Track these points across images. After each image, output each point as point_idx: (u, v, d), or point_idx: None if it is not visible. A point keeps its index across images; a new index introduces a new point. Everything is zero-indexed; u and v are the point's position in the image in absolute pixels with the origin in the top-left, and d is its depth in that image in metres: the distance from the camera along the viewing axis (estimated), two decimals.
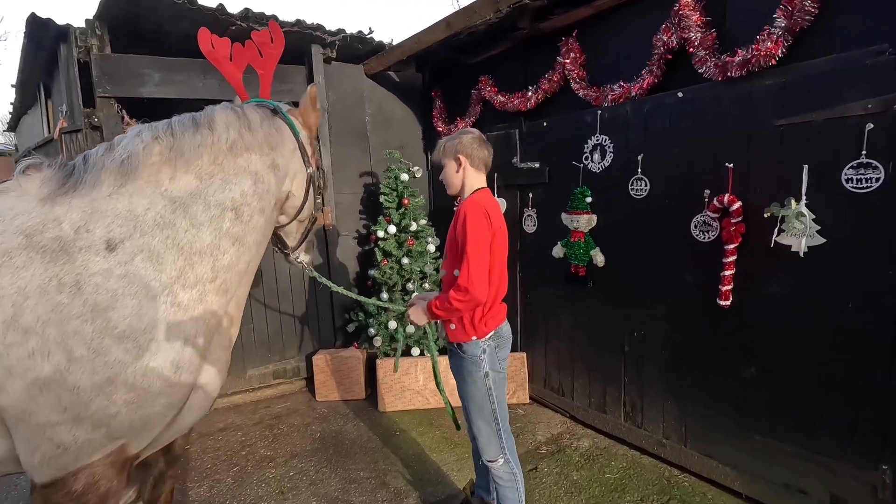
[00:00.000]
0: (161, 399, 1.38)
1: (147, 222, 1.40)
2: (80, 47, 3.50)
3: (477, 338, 2.15)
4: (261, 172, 1.64)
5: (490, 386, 2.18)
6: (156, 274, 1.38)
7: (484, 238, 2.01)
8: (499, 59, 4.03)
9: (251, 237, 1.61)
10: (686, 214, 2.75)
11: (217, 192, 1.53)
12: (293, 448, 3.49)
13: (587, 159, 3.28)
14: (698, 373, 2.82)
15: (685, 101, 2.70)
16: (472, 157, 2.16)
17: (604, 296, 3.32)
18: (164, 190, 1.46)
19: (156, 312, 1.35)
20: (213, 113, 1.62)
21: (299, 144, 1.80)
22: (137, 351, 1.32)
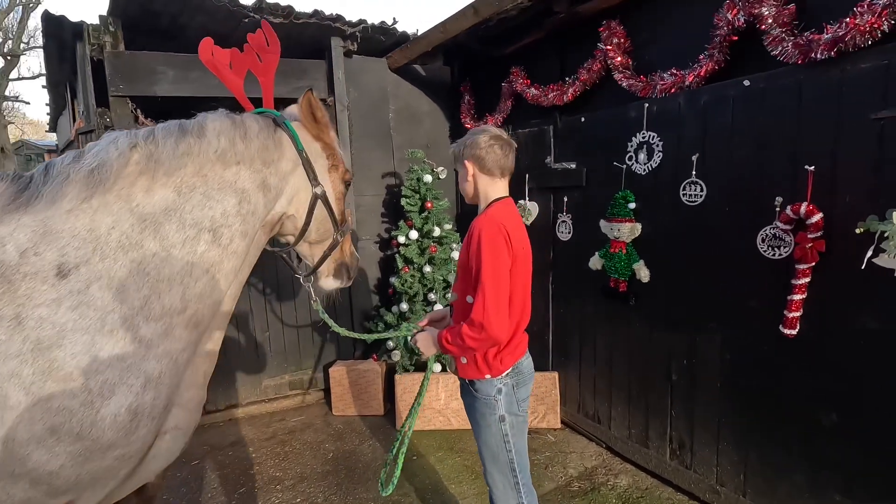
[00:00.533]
0: (113, 452, 1.18)
1: (109, 244, 1.21)
2: (92, 45, 3.38)
3: (491, 376, 1.82)
4: (248, 191, 1.44)
5: (507, 432, 1.84)
6: (115, 305, 1.19)
7: (503, 264, 1.67)
8: (532, 49, 3.66)
9: (229, 263, 1.40)
10: (751, 226, 2.32)
11: (196, 209, 1.33)
12: (303, 469, 3.27)
13: (631, 160, 2.87)
14: (762, 413, 2.38)
15: (753, 91, 2.26)
16: (483, 161, 1.80)
17: (648, 316, 2.91)
18: (135, 205, 1.27)
19: (112, 350, 1.16)
20: (204, 119, 1.43)
21: (303, 160, 1.59)
22: (86, 396, 1.13)
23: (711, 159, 2.48)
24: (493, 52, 3.91)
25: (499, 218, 1.72)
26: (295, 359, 4.19)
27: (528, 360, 1.94)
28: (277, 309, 4.07)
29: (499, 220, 1.70)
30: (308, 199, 1.62)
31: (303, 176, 1.60)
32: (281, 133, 1.57)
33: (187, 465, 3.35)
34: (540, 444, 3.43)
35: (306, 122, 1.64)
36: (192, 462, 3.40)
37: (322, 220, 1.69)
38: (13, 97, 18.62)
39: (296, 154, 1.58)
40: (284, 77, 3.94)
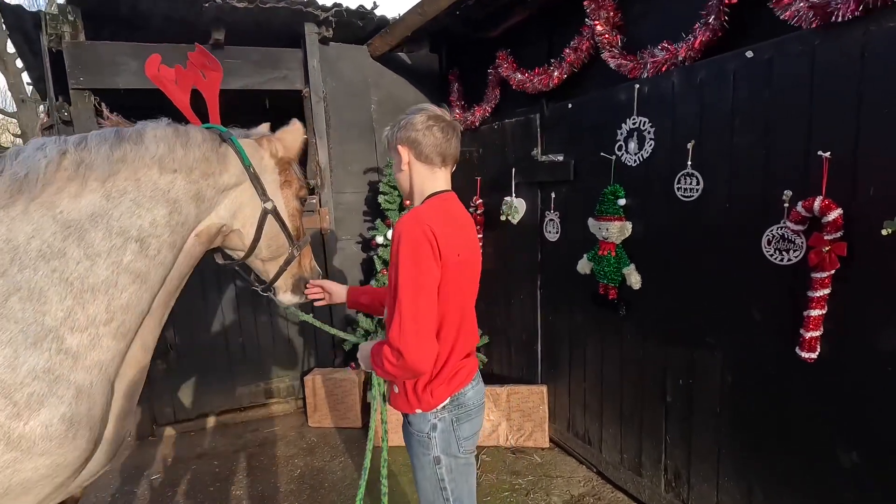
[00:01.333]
0: (45, 460, 1.16)
1: (29, 253, 1.17)
2: (50, 35, 3.21)
3: (422, 410, 1.50)
4: (180, 201, 1.40)
5: (442, 476, 1.52)
6: (36, 316, 1.16)
7: (425, 276, 1.35)
8: (520, 31, 3.33)
9: (156, 274, 1.36)
10: (755, 224, 1.96)
11: (124, 216, 1.29)
12: (266, 488, 3.03)
13: (620, 149, 2.53)
14: (769, 445, 2.02)
15: (757, 64, 1.90)
16: (419, 145, 1.48)
17: (640, 327, 2.56)
18: (58, 212, 1.22)
19: (36, 362, 1.14)
20: (144, 127, 1.40)
21: (251, 175, 1.56)
22: (12, 409, 1.11)
23: (709, 147, 2.12)
24: (480, 35, 3.60)
25: (425, 218, 1.38)
26: (270, 366, 3.96)
27: (475, 389, 1.59)
28: (251, 313, 3.85)
29: (424, 221, 1.36)
30: (256, 214, 1.59)
31: (249, 191, 1.57)
32: (226, 148, 1.53)
33: (145, 479, 3.16)
34: (524, 465, 3.11)
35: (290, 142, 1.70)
36: (151, 476, 3.20)
37: (273, 235, 1.67)
38: None
39: (241, 169, 1.55)
40: (258, 67, 3.72)
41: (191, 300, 3.63)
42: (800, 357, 1.81)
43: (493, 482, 2.96)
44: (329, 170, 3.92)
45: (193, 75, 1.70)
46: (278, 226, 1.65)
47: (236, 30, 3.51)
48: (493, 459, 3.19)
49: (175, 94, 1.67)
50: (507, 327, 3.60)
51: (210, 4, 3.18)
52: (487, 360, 3.81)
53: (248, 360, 3.88)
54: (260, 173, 1.59)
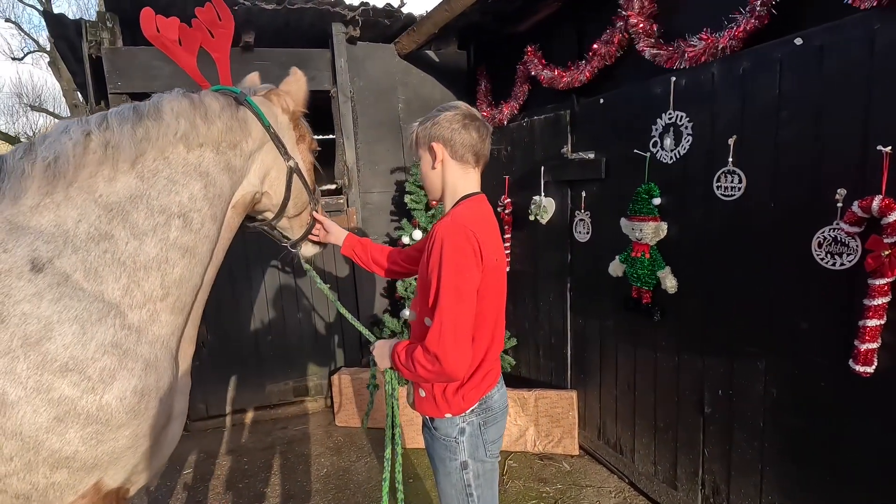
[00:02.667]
0: (125, 430, 1.20)
1: (79, 236, 1.20)
2: (90, 42, 3.32)
3: (452, 414, 1.48)
4: (213, 174, 1.40)
5: (469, 482, 1.50)
6: (97, 294, 1.19)
7: (468, 283, 1.32)
8: (549, 25, 3.23)
9: (204, 247, 1.38)
10: (804, 226, 1.81)
11: (161, 194, 1.30)
12: (293, 487, 3.05)
13: (655, 146, 2.40)
14: (818, 467, 1.87)
15: (808, 51, 1.75)
16: (454, 144, 1.43)
17: (676, 334, 2.43)
18: (98, 196, 1.24)
19: (104, 337, 1.16)
20: (160, 100, 1.37)
21: (272, 136, 1.55)
22: (87, 383, 1.13)
23: (752, 142, 1.97)
24: (508, 30, 3.51)
25: (467, 222, 1.35)
26: (299, 364, 4.00)
27: (501, 392, 1.57)
28: (280, 311, 3.90)
29: (467, 226, 1.33)
30: (283, 174, 1.61)
31: (272, 152, 1.57)
32: (244, 111, 1.50)
33: (178, 474, 3.24)
34: (553, 472, 3.02)
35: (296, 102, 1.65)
36: (184, 471, 3.28)
37: (298, 192, 1.69)
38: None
39: (262, 131, 1.53)
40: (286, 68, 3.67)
41: (222, 297, 3.71)
42: (854, 371, 1.66)
43: (520, 489, 2.89)
44: (356, 169, 3.92)
45: (200, 34, 1.64)
46: (301, 183, 1.66)
47: (265, 31, 3.55)
48: (520, 465, 3.11)
49: (180, 56, 1.60)
50: (534, 330, 3.50)
51: (240, 7, 3.22)
52: (515, 362, 3.73)
53: (277, 357, 3.93)
54: (278, 132, 1.58)
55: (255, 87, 1.64)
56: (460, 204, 1.45)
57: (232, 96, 1.51)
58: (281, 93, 1.64)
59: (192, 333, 1.46)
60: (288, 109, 1.63)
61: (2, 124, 16.73)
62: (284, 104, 1.63)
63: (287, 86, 1.67)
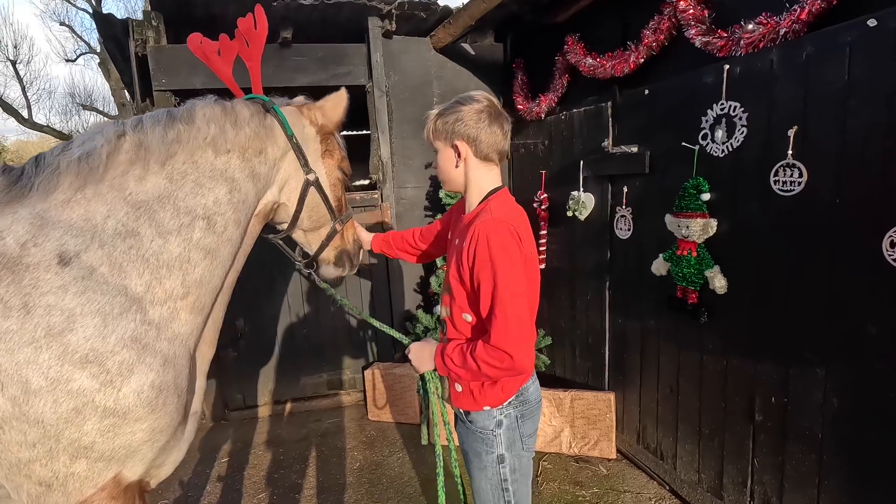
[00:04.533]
0: (141, 425, 1.21)
1: (107, 231, 1.23)
2: (136, 40, 3.42)
3: (489, 406, 1.46)
4: (238, 180, 1.43)
5: (506, 476, 1.48)
6: (120, 289, 1.22)
7: (520, 276, 1.33)
8: (590, 15, 3.12)
9: (225, 250, 1.41)
10: (873, 224, 1.67)
11: (188, 196, 1.34)
12: (326, 479, 3.08)
13: (705, 138, 2.28)
14: (887, 482, 1.73)
15: (883, 33, 1.61)
16: (479, 143, 1.41)
17: (724, 337, 2.31)
18: (128, 194, 1.28)
19: (124, 331, 1.18)
20: (193, 106, 1.42)
21: (293, 146, 1.57)
22: (105, 376, 1.15)
23: (815, 134, 1.84)
24: (547, 21, 3.42)
25: (506, 217, 1.38)
26: (333, 357, 4.04)
27: (535, 385, 1.56)
28: (315, 305, 3.94)
29: (508, 221, 1.36)
30: (299, 186, 1.61)
31: (293, 162, 1.59)
32: (271, 119, 1.54)
33: (217, 462, 3.32)
34: (589, 476, 2.94)
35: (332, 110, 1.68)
36: (222, 459, 3.36)
37: (314, 206, 1.68)
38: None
39: (285, 140, 1.55)
40: (323, 63, 3.77)
41: (259, 291, 3.77)
42: None
43: (555, 491, 2.82)
44: (391, 164, 3.91)
45: (238, 44, 1.70)
46: (319, 197, 1.66)
47: (302, 27, 3.57)
48: (555, 467, 3.04)
49: (217, 65, 1.67)
50: (571, 329, 3.41)
51: (278, 3, 3.24)
52: (550, 362, 3.65)
53: (311, 351, 3.98)
54: (302, 143, 1.59)
55: (292, 101, 1.69)
56: (491, 200, 1.44)
57: (261, 104, 1.55)
58: (313, 107, 1.68)
59: (211, 336, 1.49)
60: (316, 122, 1.66)
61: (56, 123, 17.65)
62: (314, 117, 1.66)
63: (324, 101, 1.69)
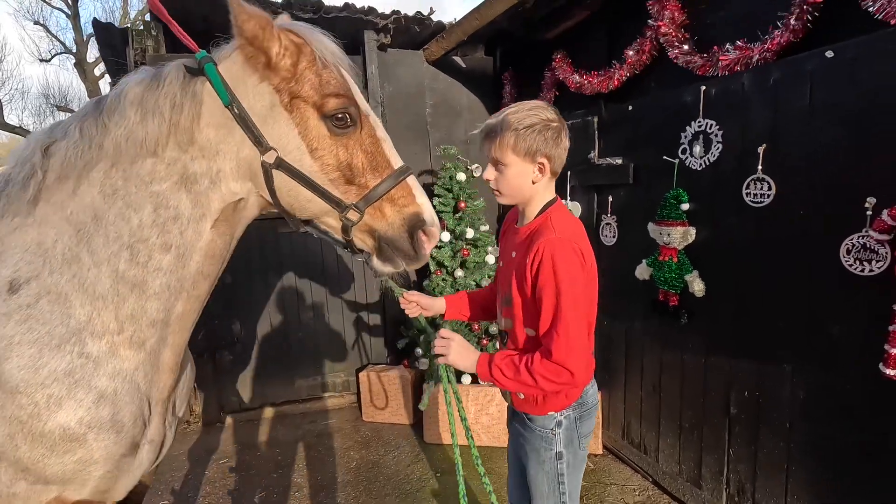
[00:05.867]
0: (72, 457, 1.18)
1: (56, 257, 1.16)
2: (136, 49, 3.49)
3: (553, 411, 1.54)
4: (164, 193, 1.15)
5: (562, 471, 1.56)
6: (62, 319, 1.16)
7: (581, 294, 1.37)
8: (578, 32, 3.30)
9: (157, 281, 1.19)
10: (833, 233, 1.86)
11: (118, 219, 1.16)
12: (325, 477, 3.17)
13: (684, 153, 2.46)
14: (846, 468, 1.92)
15: (839, 64, 1.81)
16: (554, 160, 1.42)
17: (702, 336, 2.49)
18: (69, 213, 1.16)
19: (58, 364, 1.13)
20: (124, 87, 1.15)
21: (235, 117, 1.13)
22: (33, 408, 1.13)
23: (782, 151, 2.03)
24: (537, 37, 3.59)
25: (570, 236, 1.39)
26: (327, 360, 4.12)
27: (594, 388, 1.62)
28: (310, 310, 4.03)
29: (572, 241, 1.38)
30: (258, 168, 1.17)
31: (241, 137, 1.15)
32: (200, 86, 1.13)
33: (214, 463, 3.38)
34: None
35: (237, 40, 1.11)
36: (220, 460, 3.42)
37: (292, 193, 1.19)
38: None
39: (222, 111, 1.13)
40: None
41: (255, 295, 3.85)
42: (885, 375, 1.71)
43: None
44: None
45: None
46: (292, 180, 1.18)
47: None
48: None
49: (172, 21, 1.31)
50: None
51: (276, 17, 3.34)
52: None
53: (306, 354, 4.06)
54: (249, 108, 1.14)
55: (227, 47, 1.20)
56: (551, 213, 1.46)
57: (182, 67, 1.16)
58: (242, 39, 1.10)
59: (172, 362, 1.32)
60: (259, 61, 1.11)
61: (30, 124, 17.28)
62: (253, 56, 1.11)
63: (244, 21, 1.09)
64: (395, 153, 1.27)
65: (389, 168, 1.26)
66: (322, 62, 1.16)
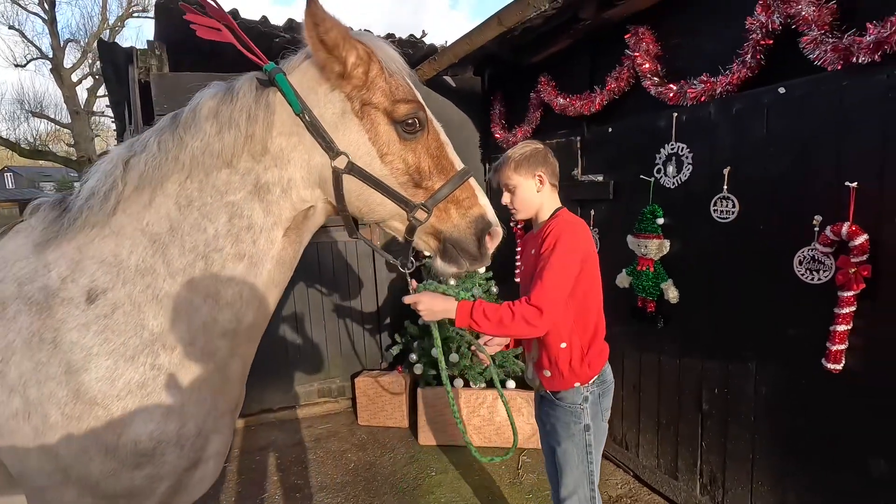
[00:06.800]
0: (141, 472, 1.20)
1: (130, 268, 1.18)
2: (140, 68, 3.62)
3: (580, 383, 1.82)
4: (239, 203, 1.19)
5: (589, 442, 1.85)
6: (136, 330, 1.17)
7: (573, 262, 1.67)
8: (562, 57, 3.55)
9: (230, 291, 1.21)
10: (788, 246, 2.11)
11: (193, 229, 1.19)
12: (324, 479, 3.31)
13: (659, 172, 2.71)
14: (802, 454, 2.16)
15: (790, 99, 2.07)
16: (551, 171, 1.86)
17: (677, 339, 2.72)
18: (145, 224, 1.20)
19: (132, 376, 1.15)
20: (198, 101, 1.21)
21: (306, 125, 1.18)
22: (109, 420, 1.14)
23: (745, 173, 2.28)
24: (523, 61, 3.83)
25: (576, 221, 1.81)
26: (324, 366, 4.27)
27: (609, 368, 1.95)
28: (307, 316, 4.17)
29: (578, 223, 1.80)
30: (329, 174, 1.22)
31: (311, 144, 1.20)
32: (272, 96, 1.18)
33: None
34: None
35: (314, 50, 1.14)
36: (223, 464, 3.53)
37: (362, 197, 1.23)
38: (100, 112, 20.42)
39: (293, 120, 1.18)
40: None
41: None
42: (826, 368, 1.95)
43: (534, 482, 3.16)
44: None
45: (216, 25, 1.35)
46: (362, 183, 1.22)
47: None
48: (534, 461, 3.38)
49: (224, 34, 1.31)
50: None
51: (280, 39, 3.52)
52: None
53: (303, 360, 4.20)
54: (320, 116, 1.19)
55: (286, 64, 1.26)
56: (560, 214, 1.85)
57: (255, 78, 1.21)
58: (323, 48, 1.13)
59: (240, 373, 1.33)
60: (333, 70, 1.15)
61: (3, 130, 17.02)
62: (324, 64, 1.15)
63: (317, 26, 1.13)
64: (457, 156, 1.34)
65: (453, 170, 1.31)
66: (389, 70, 1.22)
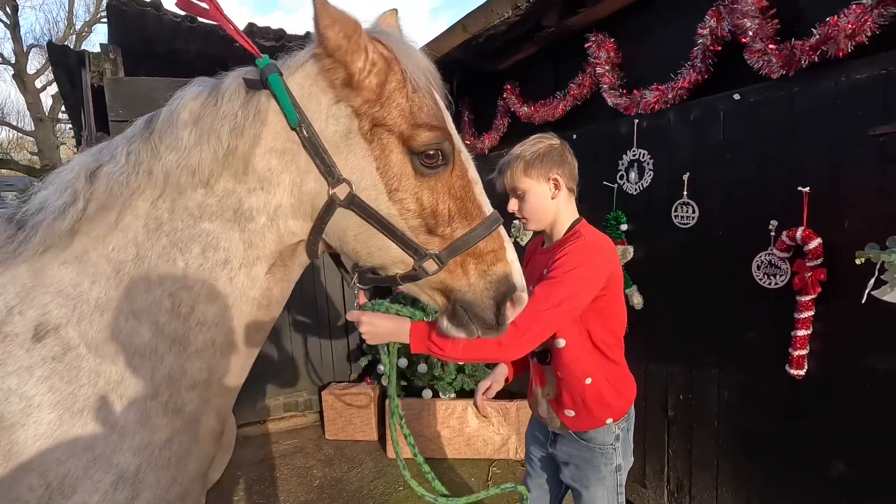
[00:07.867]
0: None
1: (90, 302, 0.96)
2: (93, 72, 3.48)
3: (613, 420, 1.55)
4: (214, 232, 0.97)
5: (620, 482, 1.61)
6: (89, 377, 0.95)
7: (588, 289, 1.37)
8: (528, 64, 3.56)
9: (200, 337, 1.00)
10: (746, 251, 2.12)
11: (161, 260, 0.97)
12: (288, 497, 3.19)
13: (622, 178, 2.71)
14: (763, 458, 2.16)
15: (744, 105, 2.09)
16: (569, 174, 1.48)
17: (643, 346, 2.71)
18: (110, 250, 0.97)
19: (78, 434, 0.93)
20: (178, 104, 0.98)
21: (304, 142, 0.94)
22: (44, 491, 0.93)
23: (703, 179, 2.30)
24: (490, 68, 3.83)
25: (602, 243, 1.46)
26: (290, 379, 4.14)
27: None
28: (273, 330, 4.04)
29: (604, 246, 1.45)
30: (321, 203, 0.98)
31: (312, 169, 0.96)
32: (265, 101, 0.94)
33: None
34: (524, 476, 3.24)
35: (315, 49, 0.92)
36: None
37: (357, 235, 0.99)
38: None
39: (288, 134, 0.95)
40: None
41: None
42: (789, 374, 1.96)
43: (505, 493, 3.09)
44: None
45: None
46: (361, 219, 0.97)
47: None
48: (504, 472, 3.33)
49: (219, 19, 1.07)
50: None
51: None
52: None
53: (268, 373, 4.06)
54: (320, 132, 0.95)
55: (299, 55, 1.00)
56: (580, 228, 1.51)
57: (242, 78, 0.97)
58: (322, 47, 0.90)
59: (214, 429, 1.11)
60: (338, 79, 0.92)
61: None
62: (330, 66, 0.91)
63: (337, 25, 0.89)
64: (486, 198, 1.05)
65: (481, 215, 1.03)
66: (413, 84, 0.96)
